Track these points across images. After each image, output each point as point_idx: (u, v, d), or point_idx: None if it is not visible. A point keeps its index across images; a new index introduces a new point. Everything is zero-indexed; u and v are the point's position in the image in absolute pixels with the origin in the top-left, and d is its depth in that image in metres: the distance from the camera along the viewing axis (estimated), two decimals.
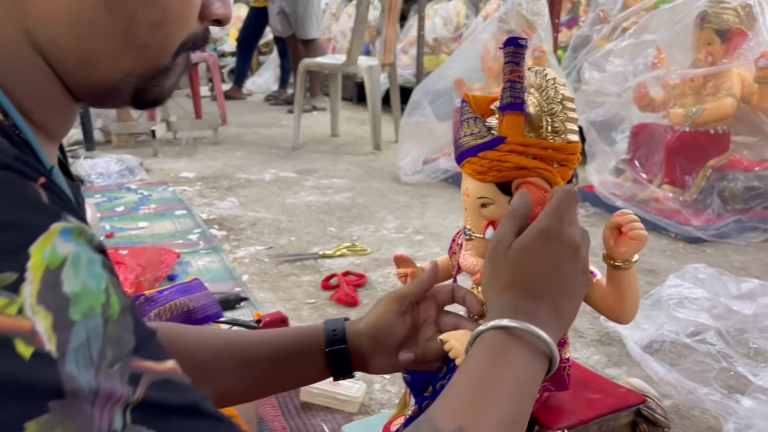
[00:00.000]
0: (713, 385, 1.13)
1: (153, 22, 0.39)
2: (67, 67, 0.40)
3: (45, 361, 0.28)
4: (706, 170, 2.16)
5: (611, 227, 0.75)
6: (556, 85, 0.78)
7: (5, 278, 0.28)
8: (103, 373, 0.29)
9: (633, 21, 2.95)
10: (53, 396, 0.28)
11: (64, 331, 0.28)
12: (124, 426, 0.29)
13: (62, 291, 0.29)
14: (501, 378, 0.48)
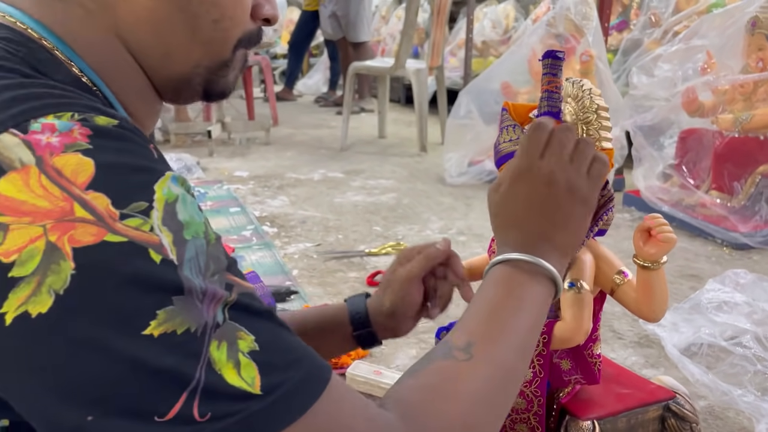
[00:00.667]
0: (747, 387, 1.15)
1: (213, 19, 0.49)
2: (150, 62, 0.49)
3: (170, 267, 0.37)
4: (755, 176, 2.14)
5: (641, 230, 0.79)
6: (592, 96, 0.83)
7: (139, 205, 0.37)
8: (208, 279, 0.38)
9: (684, 25, 2.93)
10: (176, 292, 0.36)
11: (181, 246, 0.37)
12: (224, 320, 0.38)
13: (178, 218, 0.38)
14: (508, 301, 0.53)
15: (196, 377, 0.36)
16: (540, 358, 0.82)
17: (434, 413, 0.45)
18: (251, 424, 0.37)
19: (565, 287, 0.81)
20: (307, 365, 0.41)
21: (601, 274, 0.84)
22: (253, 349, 0.38)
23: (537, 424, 0.83)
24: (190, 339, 0.36)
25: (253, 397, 0.37)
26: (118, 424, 0.35)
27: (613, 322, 1.55)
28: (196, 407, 0.36)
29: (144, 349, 0.35)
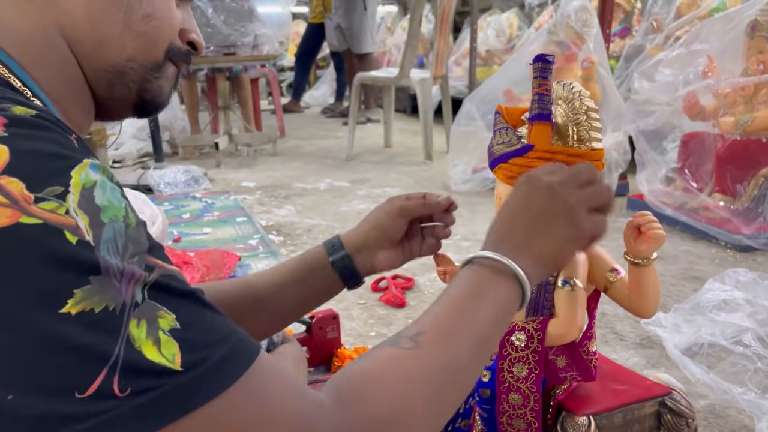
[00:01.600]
0: (748, 386, 1.16)
1: (145, 13, 0.51)
2: (85, 51, 0.50)
3: (86, 247, 0.37)
4: (758, 179, 2.15)
5: (631, 227, 0.81)
6: (582, 97, 0.85)
7: (54, 190, 0.38)
8: (127, 260, 0.39)
9: (686, 30, 2.94)
10: (93, 272, 0.37)
11: (97, 228, 0.38)
12: (143, 299, 0.39)
13: (95, 202, 0.39)
14: (468, 297, 0.53)
15: (115, 353, 0.36)
16: (535, 355, 0.83)
17: (365, 397, 0.45)
18: (171, 398, 0.37)
19: (558, 285, 0.83)
20: (233, 343, 0.41)
21: (595, 272, 0.86)
22: (174, 327, 0.39)
23: (533, 419, 0.84)
24: (108, 317, 0.37)
25: (173, 372, 0.38)
26: (39, 401, 0.35)
27: (615, 323, 1.56)
28: (116, 383, 0.36)
29: (62, 327, 0.36)
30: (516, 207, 0.60)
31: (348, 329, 1.58)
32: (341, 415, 0.44)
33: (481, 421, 0.89)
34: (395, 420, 0.45)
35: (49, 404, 0.36)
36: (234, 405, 0.40)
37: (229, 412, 0.39)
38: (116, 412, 0.36)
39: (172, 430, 0.38)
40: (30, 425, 0.36)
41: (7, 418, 0.35)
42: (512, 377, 0.84)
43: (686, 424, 0.88)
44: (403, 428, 0.45)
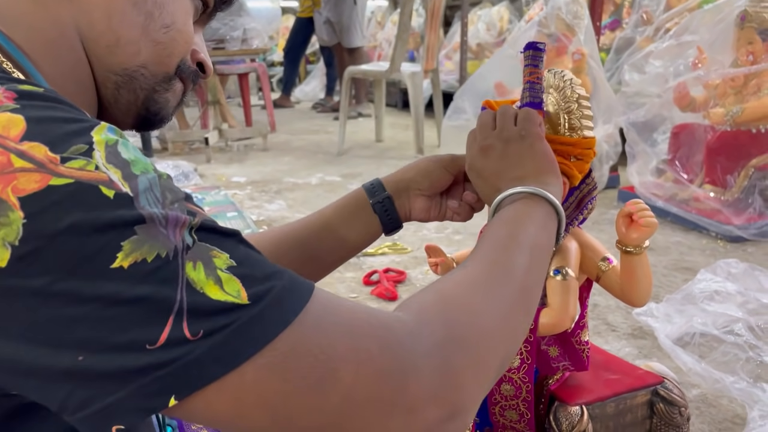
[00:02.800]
0: (740, 375, 1.16)
1: (164, 23, 0.51)
2: (98, 49, 0.49)
3: (125, 199, 0.36)
4: (748, 169, 2.16)
5: (623, 215, 0.80)
6: (573, 85, 0.84)
7: (79, 148, 0.36)
8: (168, 207, 0.38)
9: (676, 22, 2.94)
10: (137, 222, 0.36)
11: (132, 180, 0.37)
12: (193, 242, 0.38)
13: (122, 157, 0.38)
14: (512, 224, 0.56)
15: (178, 299, 0.36)
16: (527, 345, 0.83)
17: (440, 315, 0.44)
18: (248, 332, 0.37)
19: (550, 274, 0.82)
20: (289, 275, 0.40)
21: (587, 261, 0.85)
22: (231, 265, 0.38)
23: (526, 410, 0.84)
24: (162, 264, 0.36)
25: (242, 307, 0.37)
26: (112, 359, 0.35)
27: (606, 314, 1.56)
28: (186, 327, 0.36)
29: (116, 282, 0.35)
30: (482, 174, 0.66)
31: None
32: (422, 329, 0.42)
33: None
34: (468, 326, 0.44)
35: (121, 360, 0.35)
36: (311, 327, 0.38)
37: (307, 336, 0.38)
38: (192, 355, 0.36)
39: (253, 364, 0.37)
40: (108, 379, 0.35)
41: (82, 377, 0.35)
42: None
43: (679, 413, 0.88)
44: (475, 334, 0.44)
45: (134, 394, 0.35)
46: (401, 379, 0.39)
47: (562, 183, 0.66)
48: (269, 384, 0.37)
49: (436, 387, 0.40)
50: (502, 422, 0.86)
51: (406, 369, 0.39)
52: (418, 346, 0.40)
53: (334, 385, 0.38)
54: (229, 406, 0.37)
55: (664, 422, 0.89)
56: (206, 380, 0.36)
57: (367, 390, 0.38)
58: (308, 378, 0.38)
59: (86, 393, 0.35)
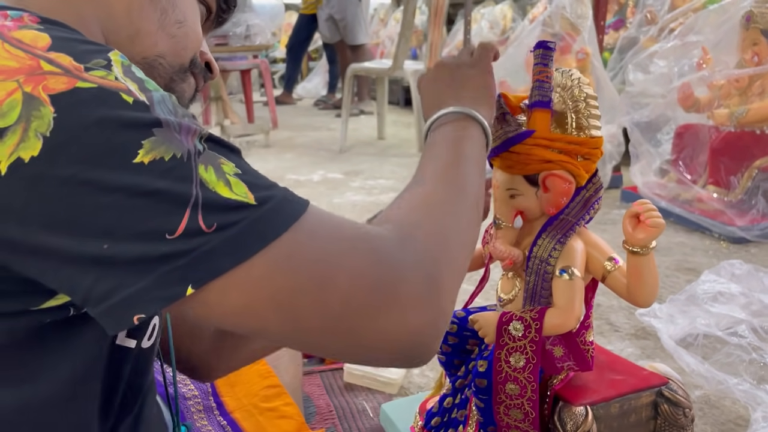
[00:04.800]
0: (743, 376, 1.16)
1: (177, 19, 0.55)
2: (119, 39, 0.53)
3: (142, 106, 0.40)
4: (751, 170, 2.15)
5: (630, 216, 0.80)
6: (581, 85, 0.84)
7: (100, 62, 0.40)
8: (180, 117, 0.42)
9: (680, 22, 2.94)
10: (154, 125, 0.39)
11: (147, 92, 0.41)
12: (204, 149, 0.42)
13: (136, 75, 0.42)
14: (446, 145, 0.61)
15: (194, 194, 0.39)
16: (532, 345, 0.82)
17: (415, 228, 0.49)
18: (255, 228, 0.40)
19: (556, 274, 0.82)
20: (285, 189, 0.44)
21: (593, 261, 0.85)
22: (237, 172, 0.42)
23: (531, 409, 0.84)
24: (178, 164, 0.39)
25: (250, 206, 0.40)
26: (134, 247, 0.38)
27: (609, 314, 1.56)
28: (201, 220, 0.39)
29: (138, 175, 0.38)
30: (428, 89, 0.71)
31: None
32: (406, 242, 0.46)
33: (477, 412, 0.88)
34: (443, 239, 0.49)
35: (142, 248, 0.38)
36: (309, 230, 0.42)
37: (305, 240, 0.42)
38: (207, 246, 0.39)
39: (260, 259, 0.40)
40: (131, 268, 0.38)
41: (107, 265, 0.38)
42: (509, 367, 0.83)
43: (683, 414, 0.88)
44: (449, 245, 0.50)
45: (155, 282, 0.38)
46: (393, 286, 0.43)
47: (492, 115, 0.70)
48: (275, 280, 0.40)
49: (423, 292, 0.44)
50: (507, 422, 0.85)
51: (397, 277, 0.43)
52: (406, 257, 0.45)
53: (333, 291, 0.41)
54: (240, 299, 0.40)
55: (669, 423, 0.89)
56: (220, 270, 0.39)
57: (363, 296, 0.42)
58: (311, 278, 0.41)
59: (110, 282, 0.38)
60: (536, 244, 0.84)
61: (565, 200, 0.84)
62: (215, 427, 0.96)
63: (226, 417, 0.98)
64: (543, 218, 0.86)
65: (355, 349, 0.43)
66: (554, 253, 0.82)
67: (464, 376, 0.99)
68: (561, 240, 0.83)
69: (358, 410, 1.20)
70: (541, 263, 0.83)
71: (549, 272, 0.83)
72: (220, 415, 0.98)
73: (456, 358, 0.99)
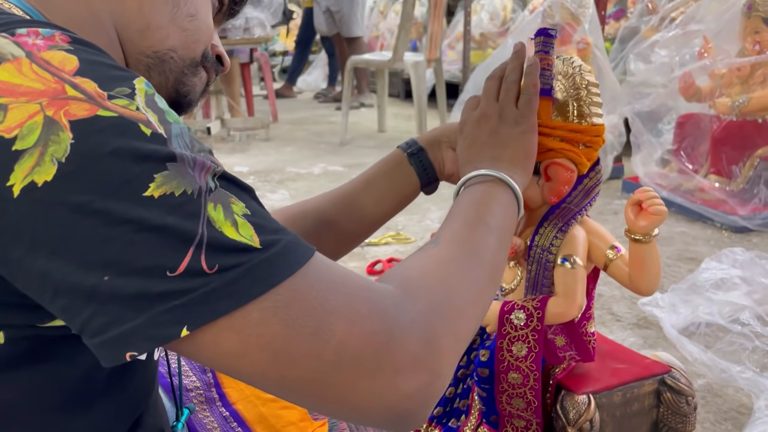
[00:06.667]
0: (746, 364, 1.16)
1: (189, 12, 0.55)
2: (130, 34, 0.53)
3: (160, 139, 0.40)
4: (753, 160, 2.14)
5: (632, 203, 0.80)
6: (582, 72, 0.83)
7: (123, 90, 0.40)
8: (196, 153, 0.42)
9: (681, 11, 2.92)
10: (169, 159, 0.39)
11: (166, 125, 0.41)
12: (216, 186, 0.41)
13: (158, 105, 0.42)
14: (474, 207, 0.60)
15: (200, 233, 0.39)
16: (535, 334, 0.82)
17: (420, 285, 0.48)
18: (257, 273, 0.40)
19: (558, 263, 0.82)
20: (293, 235, 0.43)
21: (595, 249, 0.85)
22: (246, 213, 0.41)
23: (533, 398, 0.84)
24: (188, 200, 0.39)
25: (254, 249, 0.40)
26: (134, 281, 0.38)
27: (611, 304, 1.56)
28: (204, 260, 0.38)
29: (147, 209, 0.38)
30: (473, 139, 0.70)
31: None
32: (408, 300, 0.45)
33: (480, 401, 0.88)
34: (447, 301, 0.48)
35: (142, 284, 0.38)
36: (312, 277, 0.42)
37: (307, 287, 0.41)
38: (206, 288, 0.38)
39: (259, 305, 0.40)
40: (128, 304, 0.38)
41: (105, 297, 0.38)
42: (511, 356, 0.83)
43: (686, 402, 0.88)
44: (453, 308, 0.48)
45: (150, 321, 0.38)
46: (389, 342, 0.42)
47: (529, 179, 0.69)
48: (272, 326, 0.40)
49: (420, 353, 0.43)
50: (509, 411, 0.85)
51: (394, 333, 0.42)
52: (405, 315, 0.44)
53: (329, 338, 0.41)
54: (235, 344, 0.40)
55: (671, 411, 0.88)
56: (217, 313, 0.39)
57: (357, 347, 0.41)
58: (307, 326, 0.40)
59: (106, 317, 0.38)
60: (538, 233, 0.84)
61: (566, 189, 0.83)
62: (217, 419, 0.96)
63: (229, 408, 0.98)
64: (545, 207, 0.86)
65: (342, 406, 0.42)
66: (556, 242, 0.82)
67: (466, 366, 0.99)
68: (563, 229, 0.82)
69: None
70: (542, 252, 0.83)
71: (551, 261, 0.82)
72: (223, 406, 0.98)
73: None
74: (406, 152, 0.80)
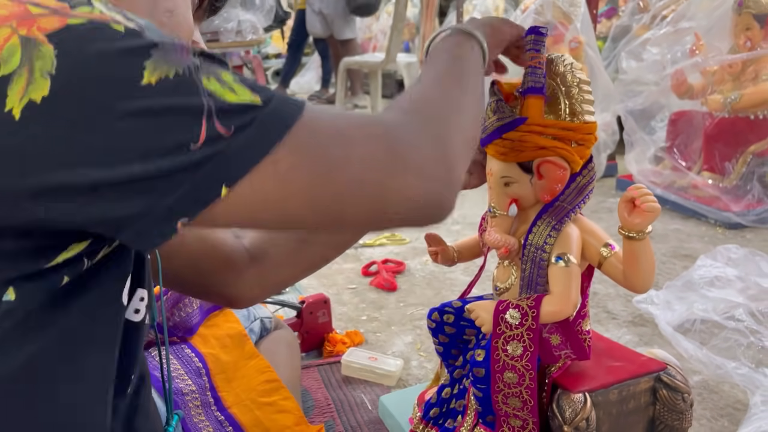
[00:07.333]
0: (741, 360, 1.16)
1: (167, 8, 0.55)
2: None
3: (134, 32, 0.41)
4: (746, 156, 2.15)
5: (625, 201, 0.80)
6: (574, 70, 0.83)
7: (81, 1, 0.41)
8: (171, 39, 0.43)
9: (672, 9, 2.93)
10: (150, 47, 0.40)
11: (135, 20, 0.42)
12: (201, 62, 0.43)
13: (117, 9, 0.42)
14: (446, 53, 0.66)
15: (205, 104, 0.41)
16: (530, 333, 0.82)
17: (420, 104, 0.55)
18: (269, 123, 0.43)
19: (552, 261, 0.82)
20: (278, 91, 0.46)
21: (589, 247, 0.84)
22: (235, 79, 0.44)
23: (529, 397, 0.83)
24: (183, 79, 0.41)
25: (258, 105, 0.43)
26: (163, 163, 0.39)
27: (607, 302, 1.56)
28: (219, 126, 0.41)
29: (149, 97, 0.39)
30: None
31: (339, 314, 1.57)
32: (410, 118, 0.52)
33: (476, 401, 0.88)
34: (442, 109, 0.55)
35: (172, 162, 0.40)
36: (317, 114, 0.46)
37: (316, 119, 0.46)
38: (231, 147, 0.41)
39: (282, 148, 0.43)
40: (164, 183, 0.40)
41: (141, 183, 0.39)
42: (507, 355, 0.83)
43: (682, 399, 0.88)
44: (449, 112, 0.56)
45: (190, 190, 0.41)
46: (405, 150, 0.48)
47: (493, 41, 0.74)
48: (301, 160, 0.44)
49: (432, 151, 0.50)
50: (505, 410, 0.85)
51: (406, 142, 0.49)
52: (411, 127, 0.50)
53: (351, 155, 0.46)
54: (272, 188, 0.43)
55: (667, 408, 0.88)
56: (248, 165, 0.42)
57: (380, 157, 0.47)
58: (329, 151, 0.45)
59: (147, 200, 0.40)
60: (532, 231, 0.84)
61: (559, 187, 0.83)
62: (213, 423, 0.95)
63: (224, 412, 0.97)
64: (538, 206, 0.86)
65: (379, 211, 0.48)
66: (549, 240, 0.82)
67: (462, 366, 0.98)
68: (556, 227, 0.82)
69: (356, 403, 1.19)
70: (536, 251, 0.82)
71: (545, 259, 0.82)
72: (218, 410, 0.98)
73: (454, 348, 0.99)
74: None
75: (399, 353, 1.37)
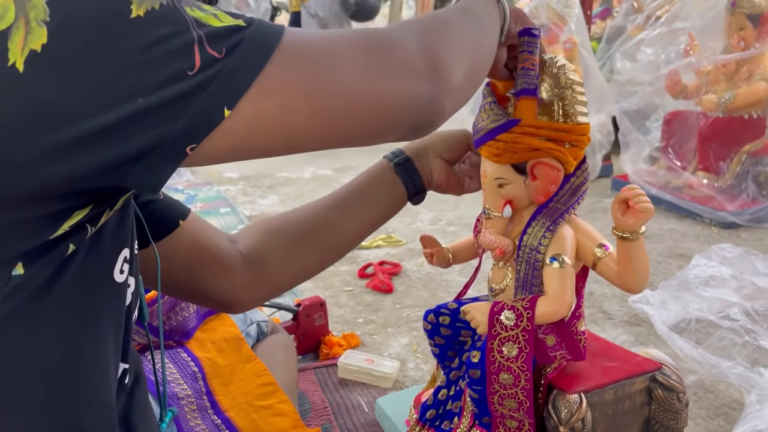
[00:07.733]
0: (736, 359, 1.16)
1: None
2: None
3: None
4: (740, 155, 2.16)
5: (619, 201, 0.80)
6: (567, 72, 0.83)
7: None
8: None
9: (666, 9, 2.94)
10: None
11: None
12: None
13: None
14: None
15: (195, 32, 0.42)
16: (525, 334, 0.82)
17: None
18: (257, 41, 0.45)
19: (546, 262, 0.82)
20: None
21: (583, 248, 0.85)
22: (213, 8, 0.45)
23: (525, 398, 0.83)
24: (169, 10, 0.42)
25: (242, 28, 0.45)
26: (165, 93, 0.41)
27: (602, 302, 1.56)
28: (210, 50, 0.43)
29: (141, 30, 0.40)
30: None
31: (335, 316, 1.57)
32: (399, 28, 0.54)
33: (472, 402, 0.88)
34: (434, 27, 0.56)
35: (173, 90, 0.41)
36: (299, 31, 0.48)
37: (299, 34, 0.48)
38: (225, 69, 0.43)
39: (274, 64, 0.45)
40: (169, 111, 0.41)
41: (147, 115, 0.40)
42: (502, 357, 0.83)
43: (677, 399, 0.88)
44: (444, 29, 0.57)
45: (194, 115, 0.42)
46: (389, 50, 0.51)
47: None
48: (294, 74, 0.46)
49: (418, 52, 0.52)
50: (501, 411, 0.85)
51: (390, 44, 0.51)
52: (399, 32, 0.53)
53: (340, 61, 0.48)
54: (272, 105, 0.45)
55: (663, 408, 0.89)
56: (246, 84, 0.44)
57: (365, 64, 0.49)
58: (320, 61, 0.47)
59: (155, 131, 0.41)
60: (526, 232, 0.84)
61: (553, 188, 0.84)
62: (210, 427, 0.95)
63: (221, 416, 0.97)
64: (532, 207, 0.86)
65: (373, 114, 0.50)
66: (544, 241, 0.82)
67: (458, 368, 0.98)
68: (551, 228, 0.82)
69: (353, 405, 1.19)
70: (531, 252, 0.83)
71: (539, 260, 0.82)
72: (215, 414, 0.98)
73: (450, 349, 0.99)
74: (393, 162, 0.80)
75: (395, 355, 1.37)
